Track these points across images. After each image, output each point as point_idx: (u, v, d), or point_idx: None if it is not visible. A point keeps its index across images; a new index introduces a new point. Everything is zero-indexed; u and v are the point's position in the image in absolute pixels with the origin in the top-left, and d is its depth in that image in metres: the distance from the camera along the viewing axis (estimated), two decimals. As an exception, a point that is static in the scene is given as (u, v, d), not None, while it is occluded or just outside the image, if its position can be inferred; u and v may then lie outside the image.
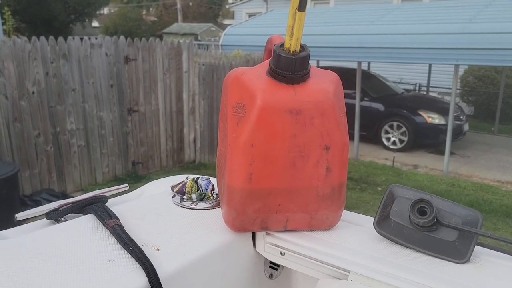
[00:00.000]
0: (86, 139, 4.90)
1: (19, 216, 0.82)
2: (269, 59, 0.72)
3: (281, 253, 0.75)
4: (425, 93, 10.69)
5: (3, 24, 8.29)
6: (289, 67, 0.66)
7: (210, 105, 6.13)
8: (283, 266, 0.85)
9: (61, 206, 0.86)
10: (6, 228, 0.82)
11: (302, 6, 0.62)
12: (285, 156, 0.68)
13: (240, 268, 0.79)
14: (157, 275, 0.61)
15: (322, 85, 0.69)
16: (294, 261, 0.74)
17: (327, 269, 0.69)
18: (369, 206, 4.86)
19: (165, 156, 5.87)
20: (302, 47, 0.67)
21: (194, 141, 6.14)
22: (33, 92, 4.36)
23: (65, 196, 4.63)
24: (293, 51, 0.66)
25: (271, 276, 0.85)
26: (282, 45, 0.68)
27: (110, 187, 0.99)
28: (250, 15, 14.35)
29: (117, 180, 5.24)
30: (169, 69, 5.60)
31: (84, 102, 4.80)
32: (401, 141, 7.51)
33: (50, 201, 3.32)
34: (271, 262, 0.84)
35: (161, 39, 5.64)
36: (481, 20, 5.86)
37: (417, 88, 11.20)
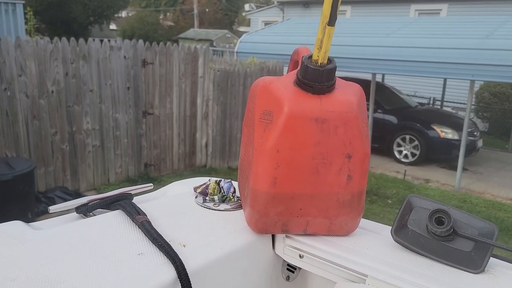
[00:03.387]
0: (101, 139, 4.99)
1: (52, 208, 0.87)
2: (296, 70, 0.76)
3: (300, 256, 0.78)
4: (439, 107, 10.63)
5: (25, 24, 8.49)
6: (316, 78, 0.70)
7: (224, 110, 6.19)
8: (300, 269, 0.88)
9: (90, 201, 0.91)
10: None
11: (332, 22, 0.65)
12: (308, 162, 0.71)
13: (259, 268, 0.83)
14: (185, 269, 0.64)
15: (346, 96, 0.72)
16: (312, 264, 0.77)
17: (344, 273, 0.72)
18: (378, 218, 4.84)
19: (177, 159, 5.93)
20: (330, 60, 0.71)
21: (206, 146, 6.20)
22: (52, 92, 4.47)
23: (78, 194, 4.71)
24: (320, 63, 0.70)
25: (288, 278, 0.88)
26: (310, 57, 0.71)
27: (133, 186, 1.02)
28: (266, 23, 14.46)
29: (129, 181, 5.31)
30: (185, 74, 5.68)
31: (101, 103, 4.89)
32: (413, 154, 7.48)
33: (64, 199, 3.43)
34: (288, 265, 0.87)
35: (177, 44, 5.72)
36: (498, 36, 5.84)
37: (431, 102, 11.15)
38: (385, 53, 6.45)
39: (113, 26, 26.03)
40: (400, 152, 7.62)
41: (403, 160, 7.50)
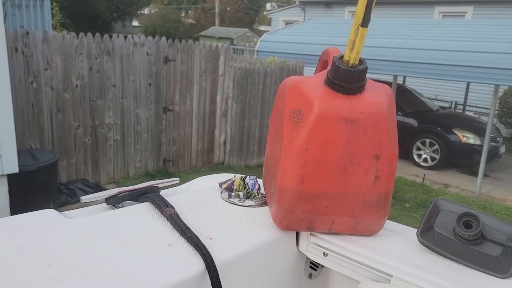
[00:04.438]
0: (122, 134, 5.07)
1: (84, 198, 0.90)
2: (326, 70, 0.77)
3: (324, 254, 0.79)
4: (461, 111, 10.44)
5: (51, 18, 8.68)
6: (347, 78, 0.70)
7: (243, 108, 6.21)
8: (322, 267, 0.89)
9: (119, 193, 0.93)
10: None
11: (365, 23, 0.66)
12: (337, 161, 0.72)
13: (283, 264, 0.84)
14: (214, 261, 0.66)
15: (376, 97, 0.73)
16: (336, 262, 0.77)
17: (369, 272, 0.72)
18: (395, 222, 4.78)
19: (195, 155, 5.98)
20: (361, 61, 0.71)
21: (224, 143, 6.24)
22: (76, 86, 4.56)
23: (98, 187, 4.81)
24: (352, 64, 0.70)
25: (310, 275, 0.89)
26: (342, 57, 0.72)
27: (160, 180, 1.05)
28: (287, 23, 14.43)
29: (148, 176, 5.38)
30: (205, 72, 5.73)
31: (123, 98, 4.97)
32: (432, 158, 7.37)
33: (85, 191, 3.50)
34: (311, 262, 0.88)
35: (198, 42, 5.77)
36: (526, 40, 5.69)
37: (453, 106, 10.95)
38: (407, 55, 6.37)
39: (135, 23, 26.39)
40: (419, 155, 7.51)
41: (422, 164, 7.40)
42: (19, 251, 0.66)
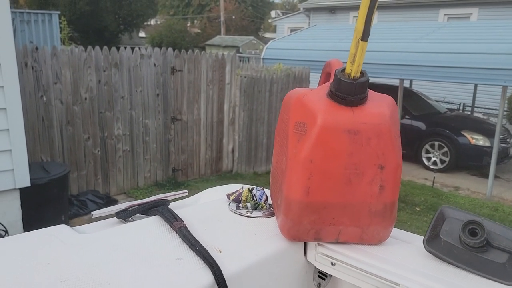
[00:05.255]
0: (131, 145, 5.12)
1: (95, 213, 0.92)
2: (328, 82, 0.78)
3: (332, 264, 0.80)
4: (469, 113, 10.36)
5: (60, 32, 8.83)
6: (349, 91, 0.72)
7: (250, 116, 6.24)
8: (331, 276, 0.89)
9: (129, 207, 0.95)
10: (57, 224, 0.90)
11: (365, 37, 0.68)
12: (341, 172, 0.73)
13: (292, 275, 0.85)
14: (222, 274, 0.67)
15: (379, 108, 0.74)
16: (344, 272, 0.78)
17: (376, 281, 0.73)
18: (406, 226, 4.76)
19: (204, 164, 6.01)
20: (362, 73, 0.73)
21: (233, 151, 6.26)
22: (85, 98, 4.63)
23: (108, 198, 4.85)
24: (353, 77, 0.72)
25: (319, 285, 0.90)
26: (343, 70, 0.74)
27: (169, 192, 1.07)
28: (292, 30, 14.49)
29: (158, 185, 5.42)
30: (212, 81, 5.77)
31: (132, 109, 5.03)
32: (442, 161, 7.31)
33: (95, 202, 3.54)
34: (320, 272, 0.88)
35: (204, 51, 5.83)
36: (533, 40, 5.66)
37: (461, 108, 10.87)
38: (413, 59, 6.36)
39: (142, 34, 26.69)
40: (428, 159, 7.46)
41: (431, 167, 7.34)
42: (33, 268, 0.68)
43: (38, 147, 4.38)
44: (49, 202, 3.73)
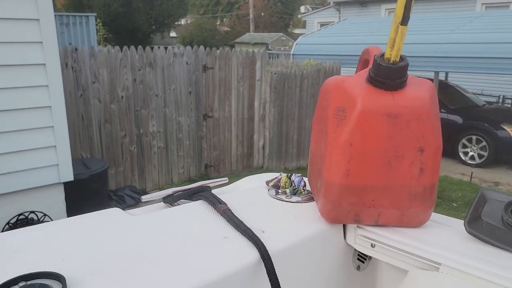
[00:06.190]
0: (165, 142, 5.26)
1: (144, 198, 0.98)
2: (367, 68, 0.80)
3: (372, 245, 0.82)
4: (509, 106, 9.94)
5: (96, 34, 9.13)
6: (389, 75, 0.73)
7: (280, 112, 6.26)
8: (370, 259, 0.91)
9: (175, 192, 1.00)
10: None
11: (404, 21, 0.69)
12: (381, 155, 0.75)
13: (331, 257, 0.87)
14: (268, 251, 0.71)
15: (419, 92, 0.75)
16: (384, 253, 0.80)
17: (417, 262, 0.74)
18: (443, 222, 4.65)
19: (235, 160, 6.09)
20: (401, 58, 0.74)
21: (263, 147, 6.30)
22: (122, 97, 4.79)
23: (145, 193, 5.01)
24: (393, 61, 0.73)
25: (358, 267, 0.92)
26: (382, 55, 0.75)
27: (210, 180, 1.11)
28: (322, 25, 14.36)
29: (191, 181, 5.54)
30: (243, 77, 5.83)
31: (165, 107, 5.16)
32: (480, 156, 7.07)
33: (132, 197, 3.67)
34: (359, 254, 0.90)
35: (234, 48, 5.88)
36: None
37: (501, 100, 10.45)
38: (449, 50, 6.18)
39: (173, 34, 27.16)
40: (465, 153, 7.24)
41: (469, 162, 7.12)
42: (93, 244, 0.73)
43: (78, 144, 4.58)
44: (90, 196, 3.91)
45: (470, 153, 7.18)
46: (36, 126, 3.08)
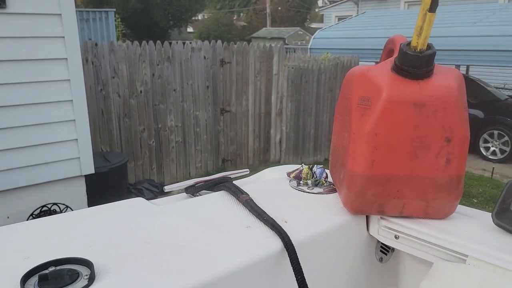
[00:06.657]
0: (183, 136, 5.30)
1: (167, 188, 0.99)
2: (392, 58, 0.79)
3: (396, 237, 0.81)
4: (533, 100, 9.66)
5: (115, 29, 9.24)
6: (415, 64, 0.72)
7: (297, 107, 6.23)
8: (393, 251, 0.90)
9: (196, 183, 1.01)
10: None
11: (433, 8, 0.68)
12: (407, 145, 0.74)
13: (354, 248, 0.87)
14: (291, 240, 0.71)
15: (446, 81, 0.74)
16: (408, 244, 0.79)
17: (443, 253, 0.73)
18: (463, 218, 4.56)
19: (252, 155, 6.10)
20: (429, 46, 0.73)
21: (280, 142, 6.29)
22: (140, 91, 4.84)
23: (163, 186, 5.06)
24: (420, 49, 0.72)
25: (381, 259, 0.91)
26: (409, 43, 0.74)
27: (231, 171, 1.12)
28: (340, 19, 14.19)
29: (208, 175, 5.54)
30: (260, 72, 5.82)
31: (183, 102, 5.19)
32: (502, 151, 6.91)
33: (151, 191, 3.70)
34: (382, 246, 0.90)
35: (251, 43, 5.88)
36: None
37: (524, 95, 10.16)
38: (471, 43, 6.04)
39: (190, 29, 27.27)
40: (487, 148, 7.08)
41: (490, 157, 6.96)
42: (118, 231, 0.75)
43: (98, 138, 4.65)
44: (110, 189, 3.97)
45: (492, 148, 7.02)
46: (59, 120, 3.14)
